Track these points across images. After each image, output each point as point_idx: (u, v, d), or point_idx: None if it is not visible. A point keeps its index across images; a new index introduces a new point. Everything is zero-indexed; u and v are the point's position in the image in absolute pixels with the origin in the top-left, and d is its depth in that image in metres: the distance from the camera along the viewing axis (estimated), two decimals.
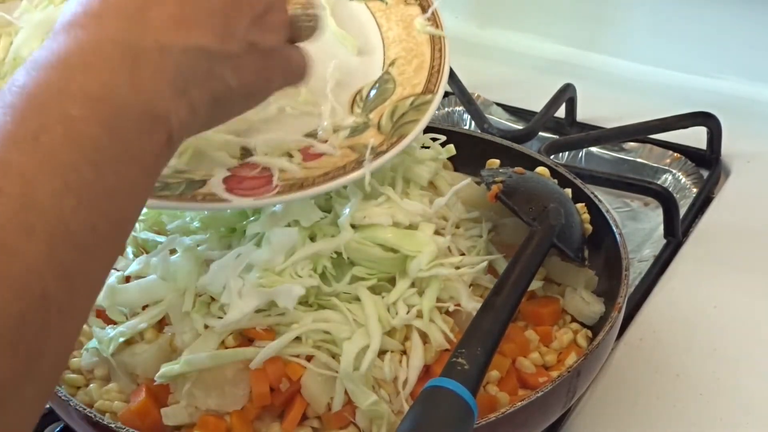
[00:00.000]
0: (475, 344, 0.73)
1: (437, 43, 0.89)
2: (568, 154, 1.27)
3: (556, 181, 0.97)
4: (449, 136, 0.99)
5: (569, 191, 0.96)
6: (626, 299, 0.87)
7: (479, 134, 1.15)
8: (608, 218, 0.94)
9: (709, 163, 1.25)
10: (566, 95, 1.31)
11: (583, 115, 1.33)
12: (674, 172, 1.25)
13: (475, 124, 1.29)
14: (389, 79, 0.87)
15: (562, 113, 1.32)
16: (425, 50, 0.88)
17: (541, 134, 1.26)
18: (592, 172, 1.17)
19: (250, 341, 0.82)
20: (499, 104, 1.36)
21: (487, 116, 1.29)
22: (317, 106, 0.85)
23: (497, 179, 0.91)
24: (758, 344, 1.00)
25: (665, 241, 1.12)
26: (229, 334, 0.81)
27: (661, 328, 1.01)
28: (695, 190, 1.22)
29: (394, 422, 0.79)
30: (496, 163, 0.97)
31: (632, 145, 1.27)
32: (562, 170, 1.00)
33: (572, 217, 0.91)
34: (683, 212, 1.16)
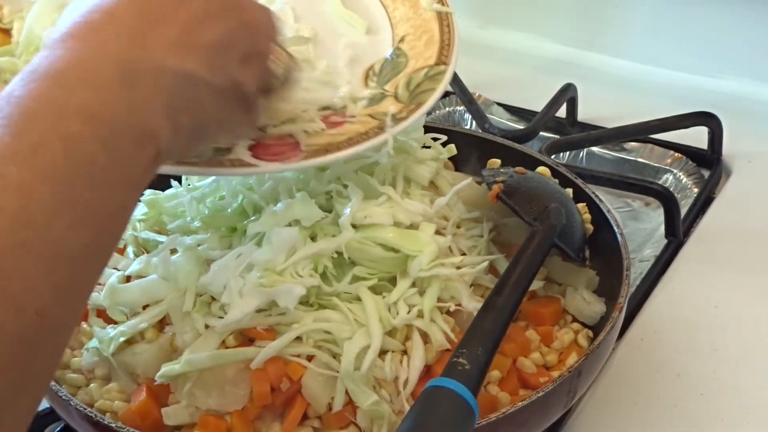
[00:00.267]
0: (476, 344, 0.73)
1: (445, 19, 0.90)
2: (569, 153, 1.27)
3: (557, 180, 0.97)
4: (450, 135, 0.99)
5: (570, 191, 0.96)
6: (627, 299, 0.87)
7: (480, 134, 1.15)
8: (609, 218, 0.94)
9: (710, 163, 1.25)
10: (567, 95, 1.31)
11: (584, 114, 1.33)
12: (675, 172, 1.24)
13: (476, 123, 1.29)
14: (400, 53, 0.88)
15: (563, 113, 1.32)
16: (433, 26, 0.90)
17: (542, 134, 1.26)
18: (593, 172, 1.17)
19: (250, 341, 0.82)
20: (500, 104, 1.36)
21: (488, 116, 1.29)
22: (333, 80, 0.86)
23: (498, 179, 0.91)
24: (759, 344, 1.00)
25: (666, 241, 1.12)
26: (229, 333, 0.81)
27: (662, 328, 1.01)
28: (696, 190, 1.22)
29: (394, 422, 0.79)
30: (497, 162, 0.97)
31: (633, 145, 1.27)
32: (563, 170, 1.00)
33: (573, 217, 0.91)
34: (684, 212, 1.16)
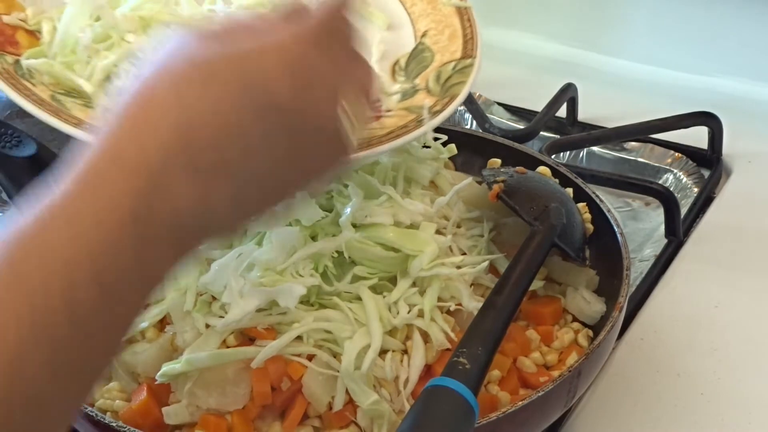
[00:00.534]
0: (476, 344, 0.73)
1: (464, 13, 0.91)
2: (569, 153, 1.27)
3: (557, 180, 0.97)
4: (450, 135, 0.99)
5: (570, 191, 0.96)
6: (627, 299, 0.87)
7: (480, 134, 1.15)
8: (609, 218, 0.94)
9: (710, 162, 1.25)
10: (567, 95, 1.31)
11: (584, 114, 1.33)
12: (675, 171, 1.24)
13: (476, 123, 1.29)
14: (425, 48, 0.89)
15: (563, 113, 1.32)
16: (454, 21, 0.90)
17: (542, 134, 1.26)
18: (593, 171, 1.17)
19: (251, 340, 0.82)
20: (500, 104, 1.36)
21: (488, 116, 1.29)
22: None
23: (498, 179, 0.91)
24: (759, 344, 1.00)
25: (666, 240, 1.12)
26: (230, 333, 0.81)
27: (662, 327, 1.01)
28: (696, 189, 1.22)
29: (395, 421, 0.79)
30: (497, 162, 0.98)
31: (633, 144, 1.27)
32: (563, 170, 1.00)
33: (573, 216, 0.91)
34: (684, 212, 1.16)
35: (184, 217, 0.56)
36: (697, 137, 1.25)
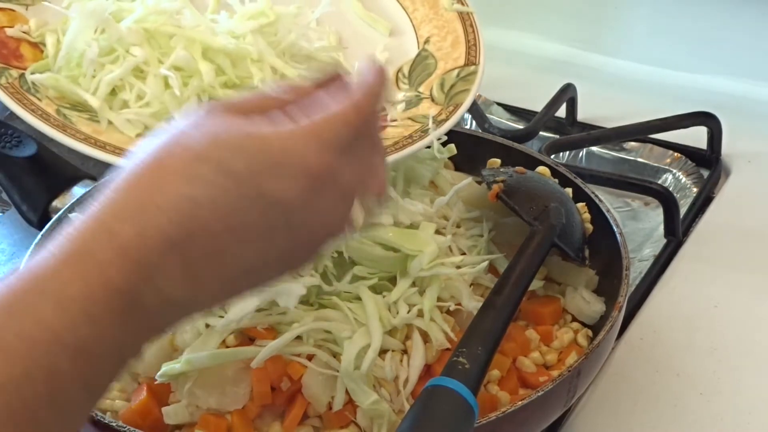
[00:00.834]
0: (475, 343, 0.73)
1: (467, 19, 0.90)
2: (568, 153, 1.27)
3: (556, 180, 0.97)
4: (450, 135, 0.99)
5: (570, 191, 0.96)
6: (627, 299, 0.87)
7: (480, 134, 1.15)
8: (609, 218, 0.94)
9: (709, 162, 1.25)
10: (567, 95, 1.31)
11: (583, 114, 1.33)
12: (675, 171, 1.25)
13: (476, 123, 1.29)
14: (428, 55, 0.89)
15: (562, 113, 1.32)
16: (457, 27, 0.90)
17: (541, 134, 1.26)
18: (592, 171, 1.17)
19: (251, 340, 0.82)
20: (499, 104, 1.36)
21: (487, 116, 1.29)
22: None
23: (498, 179, 0.91)
24: (759, 344, 1.00)
25: (665, 240, 1.12)
26: (230, 333, 0.81)
27: (661, 327, 1.01)
28: (695, 189, 1.22)
29: (394, 421, 0.79)
30: (496, 162, 0.98)
31: (633, 144, 1.27)
32: (562, 170, 1.00)
33: (573, 216, 0.91)
34: (683, 212, 1.16)
35: (171, 304, 0.55)
36: (696, 137, 1.25)
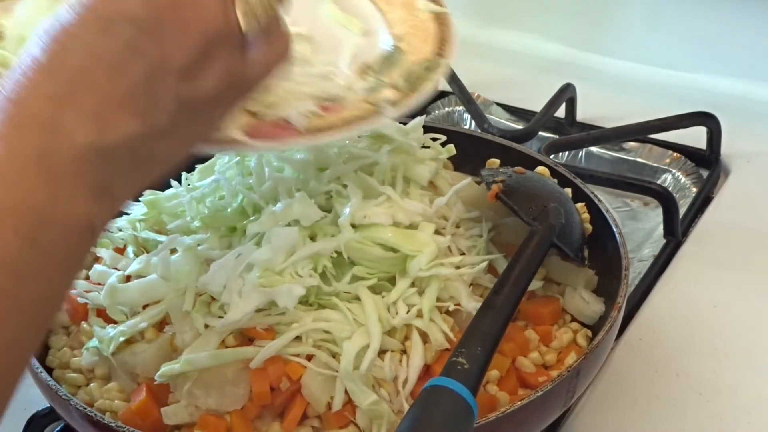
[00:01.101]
0: (475, 344, 0.73)
1: (442, 19, 0.90)
2: (568, 153, 1.27)
3: (556, 180, 0.97)
4: (449, 135, 0.99)
5: (569, 191, 0.96)
6: (626, 299, 0.87)
7: (479, 134, 1.15)
8: (608, 218, 0.94)
9: (708, 162, 1.25)
10: (566, 95, 1.31)
11: (583, 114, 1.33)
12: (674, 171, 1.25)
13: (475, 123, 1.29)
14: (398, 50, 0.88)
15: (562, 113, 1.32)
16: (430, 26, 0.90)
17: (541, 134, 1.26)
18: (591, 171, 1.17)
19: (250, 341, 0.82)
20: (499, 104, 1.37)
21: (487, 116, 1.29)
22: (330, 74, 0.85)
23: (497, 179, 0.91)
24: (758, 344, 1.00)
25: (665, 240, 1.13)
26: (229, 333, 0.81)
27: (660, 327, 1.01)
28: (695, 189, 1.22)
29: (394, 421, 0.79)
30: (496, 162, 0.98)
31: (632, 144, 1.27)
32: (562, 170, 1.00)
33: (572, 216, 0.91)
34: (683, 212, 1.16)
35: (85, 151, 0.56)
36: (695, 137, 1.25)
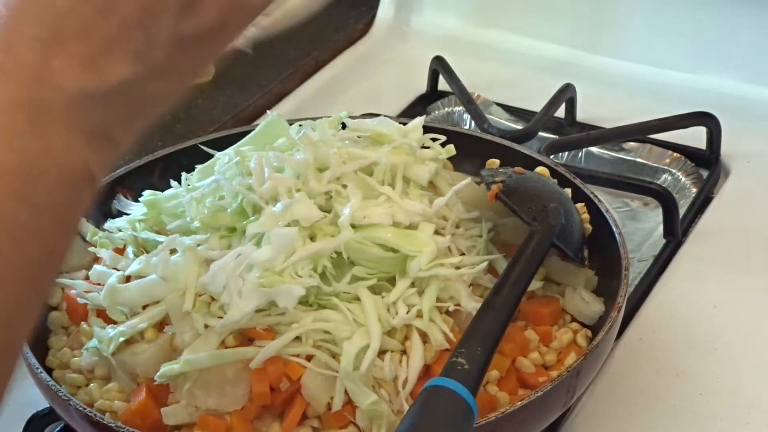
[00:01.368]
0: (475, 344, 0.73)
1: None
2: (567, 153, 1.27)
3: (555, 180, 0.97)
4: (449, 136, 0.99)
5: (569, 191, 0.96)
6: (626, 299, 0.87)
7: (479, 134, 1.15)
8: (608, 218, 0.94)
9: (708, 162, 1.25)
10: (566, 95, 1.31)
11: (582, 115, 1.33)
12: (674, 171, 1.25)
13: (475, 124, 1.29)
14: None
15: (561, 113, 1.32)
16: None
17: (540, 134, 1.26)
18: (591, 172, 1.17)
19: (250, 341, 0.82)
20: (499, 104, 1.36)
21: (487, 116, 1.29)
22: None
23: (497, 179, 0.91)
24: (758, 344, 1.00)
25: (665, 240, 1.13)
26: (229, 333, 0.81)
27: (660, 327, 1.01)
28: (695, 189, 1.22)
29: (394, 422, 0.79)
30: (496, 162, 0.98)
31: (632, 145, 1.27)
32: (561, 170, 1.00)
33: (572, 216, 0.91)
34: (683, 212, 1.16)
35: (77, 97, 0.53)
36: (695, 137, 1.25)
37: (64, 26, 0.53)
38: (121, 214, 0.99)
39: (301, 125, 0.96)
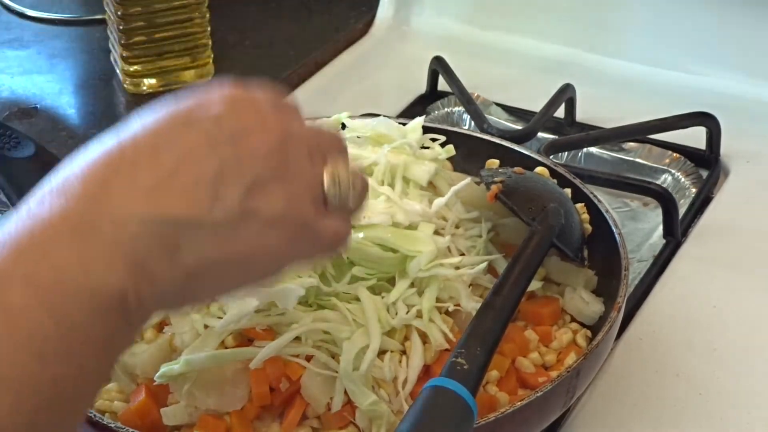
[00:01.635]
0: (474, 344, 0.73)
1: None
2: (567, 154, 1.27)
3: (555, 181, 0.97)
4: (449, 136, 0.99)
5: (569, 191, 0.96)
6: (626, 299, 0.87)
7: (479, 134, 1.15)
8: (608, 218, 0.94)
9: (708, 163, 1.25)
10: (566, 95, 1.31)
11: (582, 115, 1.33)
12: (673, 172, 1.24)
13: (474, 124, 1.29)
14: None
15: (561, 113, 1.32)
16: None
17: (540, 134, 1.26)
18: (591, 172, 1.17)
19: (249, 341, 0.82)
20: (498, 104, 1.36)
21: (486, 116, 1.29)
22: None
23: (497, 179, 0.91)
24: (758, 343, 1.00)
25: (664, 241, 1.12)
26: (228, 334, 0.81)
27: (660, 327, 1.01)
28: (694, 190, 1.22)
29: (393, 422, 0.79)
30: (495, 163, 0.98)
31: (631, 145, 1.27)
32: (561, 170, 1.00)
33: (572, 217, 0.91)
34: (682, 212, 1.16)
35: (126, 219, 0.54)
36: (695, 137, 1.25)
37: (139, 159, 0.55)
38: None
39: None
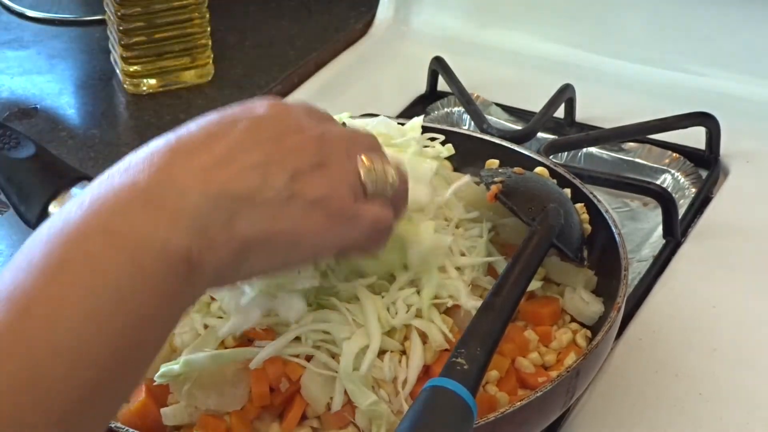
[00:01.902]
0: (474, 344, 0.73)
1: None
2: (567, 154, 1.27)
3: (555, 181, 0.97)
4: (448, 136, 0.99)
5: (568, 191, 0.96)
6: (625, 299, 0.87)
7: (478, 134, 1.15)
8: (607, 218, 0.94)
9: (708, 163, 1.25)
10: (565, 95, 1.31)
11: (582, 115, 1.33)
12: (673, 172, 1.25)
13: (474, 124, 1.29)
14: None
15: (561, 113, 1.32)
16: None
17: (540, 134, 1.26)
18: (591, 172, 1.17)
19: (249, 341, 0.82)
20: (498, 104, 1.36)
21: (486, 116, 1.29)
22: None
23: (496, 179, 0.91)
24: (758, 344, 1.00)
25: (664, 241, 1.12)
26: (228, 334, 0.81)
27: (660, 327, 1.01)
28: (694, 190, 1.22)
29: (393, 422, 0.79)
30: (495, 163, 0.97)
31: (631, 145, 1.27)
32: (561, 170, 1.00)
33: (571, 217, 0.91)
34: (682, 212, 1.16)
35: (187, 191, 0.61)
36: (694, 138, 1.25)
37: (196, 145, 0.64)
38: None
39: None
